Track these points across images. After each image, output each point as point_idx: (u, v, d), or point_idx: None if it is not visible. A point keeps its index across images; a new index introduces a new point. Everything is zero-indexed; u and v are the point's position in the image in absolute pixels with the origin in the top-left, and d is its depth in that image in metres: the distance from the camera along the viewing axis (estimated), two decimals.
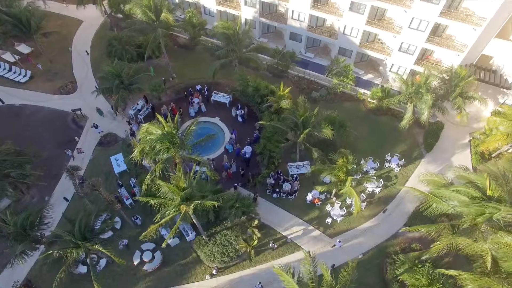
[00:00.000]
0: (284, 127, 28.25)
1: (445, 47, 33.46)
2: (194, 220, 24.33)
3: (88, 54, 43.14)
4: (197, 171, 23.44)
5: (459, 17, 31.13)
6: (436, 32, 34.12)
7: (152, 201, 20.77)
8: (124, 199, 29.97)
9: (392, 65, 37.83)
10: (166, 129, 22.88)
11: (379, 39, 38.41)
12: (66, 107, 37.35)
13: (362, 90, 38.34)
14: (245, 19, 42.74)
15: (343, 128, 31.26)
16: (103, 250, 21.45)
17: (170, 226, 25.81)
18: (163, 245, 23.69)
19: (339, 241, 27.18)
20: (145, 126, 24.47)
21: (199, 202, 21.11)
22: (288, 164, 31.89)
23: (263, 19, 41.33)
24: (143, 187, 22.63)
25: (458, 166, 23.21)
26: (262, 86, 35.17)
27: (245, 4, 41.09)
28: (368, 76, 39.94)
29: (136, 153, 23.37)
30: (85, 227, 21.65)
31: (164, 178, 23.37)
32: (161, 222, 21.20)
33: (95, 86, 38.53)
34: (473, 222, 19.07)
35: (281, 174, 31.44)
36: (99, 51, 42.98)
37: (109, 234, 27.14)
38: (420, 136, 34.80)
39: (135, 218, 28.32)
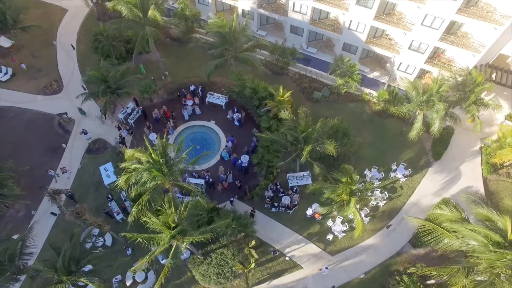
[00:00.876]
0: (284, 140, 26.14)
1: (460, 47, 30.69)
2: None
3: (74, 48, 40.14)
4: (189, 201, 21.60)
5: (479, 15, 28.15)
6: (451, 29, 31.21)
7: (139, 239, 19.15)
8: (115, 214, 28.45)
9: (401, 63, 35.11)
10: (153, 156, 20.79)
11: (387, 35, 35.42)
12: (51, 109, 35.03)
13: (367, 90, 35.87)
14: (242, 10, 39.45)
15: (347, 137, 29.19)
16: (90, 284, 20.14)
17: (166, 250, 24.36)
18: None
19: (326, 268, 25.83)
20: (130, 152, 22.35)
21: (192, 238, 19.46)
22: (287, 174, 30.13)
23: (262, 10, 38.04)
24: (130, 218, 20.93)
25: (471, 194, 21.30)
26: (260, 88, 32.77)
27: None
28: (374, 74, 37.27)
29: (121, 181, 21.46)
30: (69, 260, 20.18)
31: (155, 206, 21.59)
32: (151, 256, 19.70)
33: (83, 87, 35.99)
34: (491, 265, 17.52)
35: (280, 187, 29.74)
36: (86, 45, 39.95)
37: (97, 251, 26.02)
38: (428, 142, 32.77)
39: (126, 248, 26.75)
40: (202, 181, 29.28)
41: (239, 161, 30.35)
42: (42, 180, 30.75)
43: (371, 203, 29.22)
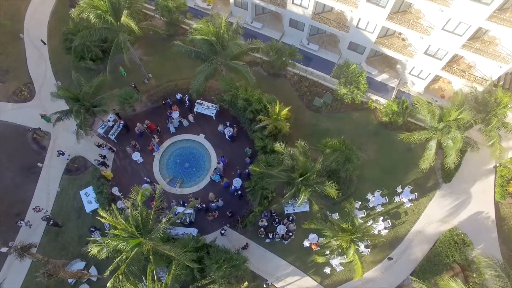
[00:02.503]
0: (279, 178, 23.28)
1: (486, 56, 26.53)
2: None
3: (44, 43, 35.45)
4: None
5: None
6: (475, 34, 26.78)
7: None
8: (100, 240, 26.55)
9: (414, 67, 30.95)
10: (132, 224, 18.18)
11: (400, 34, 30.78)
12: (23, 120, 31.67)
13: (374, 97, 32.18)
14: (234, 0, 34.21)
15: (350, 163, 26.31)
16: None
17: None
18: None
19: None
20: (107, 217, 19.56)
21: None
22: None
23: (257, 1, 32.84)
24: None
25: (486, 257, 18.99)
26: (254, 99, 29.11)
27: None
28: (382, 77, 33.20)
29: (94, 251, 19.00)
30: None
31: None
32: None
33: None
34: None
35: (275, 215, 27.56)
36: (59, 39, 35.19)
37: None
38: (437, 159, 29.87)
39: None
40: (190, 211, 27.02)
41: (232, 187, 27.80)
42: (18, 205, 28.51)
43: (373, 231, 27.27)
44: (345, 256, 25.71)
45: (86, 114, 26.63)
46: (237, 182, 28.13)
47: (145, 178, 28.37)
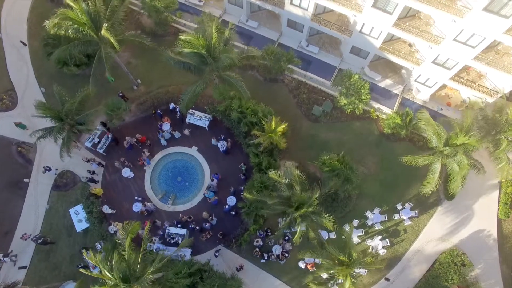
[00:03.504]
0: (274, 208, 22.17)
1: (500, 70, 24.52)
2: None
3: (25, 44, 33.04)
4: None
5: None
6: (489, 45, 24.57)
7: None
8: (91, 268, 26.00)
9: (420, 75, 28.90)
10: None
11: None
12: (7, 131, 30.09)
13: (376, 105, 30.40)
14: None
15: (349, 183, 25.09)
16: None
17: None
18: None
19: None
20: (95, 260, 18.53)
21: None
22: (279, 219, 26.86)
23: None
24: None
25: None
26: (249, 111, 27.40)
27: None
28: (386, 83, 31.17)
29: None
30: None
31: None
32: None
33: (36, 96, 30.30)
34: None
35: (270, 234, 26.79)
36: (41, 39, 32.77)
37: None
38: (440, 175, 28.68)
39: None
40: (183, 231, 26.22)
41: (226, 206, 26.81)
42: (5, 224, 27.69)
43: (370, 250, 26.68)
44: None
45: (69, 132, 25.04)
46: (231, 200, 27.13)
47: (136, 198, 27.29)
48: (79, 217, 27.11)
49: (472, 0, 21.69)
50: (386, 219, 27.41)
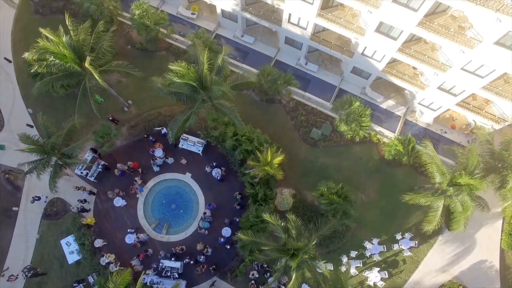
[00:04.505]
0: (270, 255, 21.32)
1: (509, 101, 23.15)
2: None
3: (10, 61, 31.48)
4: None
5: None
6: None
7: None
8: None
9: (424, 98, 27.48)
10: None
11: None
12: None
13: (378, 128, 29.18)
14: (222, 10, 29.52)
15: (347, 218, 24.21)
16: None
17: None
18: None
19: None
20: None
21: None
22: None
23: (247, 15, 28.28)
24: None
25: None
26: (244, 139, 26.19)
27: None
28: (388, 104, 29.77)
29: None
30: None
31: None
32: None
33: (28, 125, 29.15)
34: None
35: (267, 266, 26.17)
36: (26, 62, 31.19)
37: None
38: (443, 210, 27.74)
39: None
40: (178, 264, 25.59)
41: (222, 239, 26.07)
42: None
43: (368, 281, 26.15)
44: None
45: (57, 166, 23.99)
46: (226, 232, 26.36)
47: (128, 230, 26.51)
48: (70, 249, 26.45)
49: (483, 31, 20.10)
50: (385, 249, 26.72)
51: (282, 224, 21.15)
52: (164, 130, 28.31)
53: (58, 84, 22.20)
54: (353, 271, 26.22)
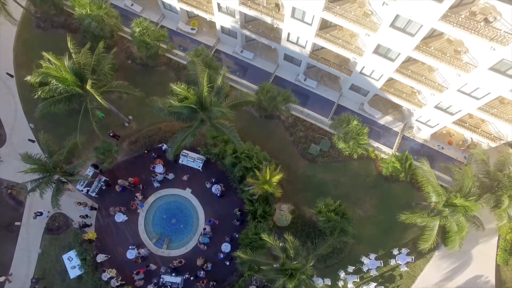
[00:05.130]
0: (267, 275, 21.75)
1: (504, 122, 23.52)
2: None
3: (11, 76, 31.80)
4: None
5: None
6: None
7: None
8: None
9: (421, 116, 27.83)
10: None
11: None
12: None
13: (375, 144, 29.55)
14: (222, 27, 29.84)
15: (345, 234, 24.63)
16: None
17: None
18: None
19: None
20: None
21: None
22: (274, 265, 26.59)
23: (247, 32, 28.61)
24: None
25: None
26: (243, 156, 26.58)
27: (219, 10, 27.76)
28: (386, 120, 30.12)
29: None
30: None
31: None
32: None
33: (30, 140, 29.51)
34: None
35: (265, 282, 26.57)
36: (28, 68, 31.34)
37: None
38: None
39: None
40: (179, 279, 26.02)
41: (221, 254, 26.50)
42: (1, 269, 27.52)
43: None
44: None
45: (59, 184, 24.39)
46: (226, 247, 26.77)
47: (129, 247, 26.87)
48: (72, 264, 26.89)
49: (478, 56, 20.45)
50: (382, 264, 27.15)
51: (280, 244, 21.54)
52: (164, 147, 28.67)
53: (60, 106, 22.50)
54: (350, 286, 26.69)
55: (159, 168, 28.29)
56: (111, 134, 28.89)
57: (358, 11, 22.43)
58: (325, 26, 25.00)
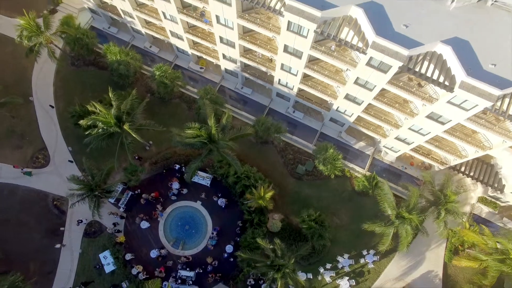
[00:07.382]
0: (261, 269, 28.70)
1: (444, 152, 30.33)
2: None
3: (53, 107, 38.62)
4: None
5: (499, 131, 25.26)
6: None
7: None
8: None
9: (386, 143, 34.64)
10: None
11: None
12: (43, 185, 36.27)
13: (351, 165, 36.36)
14: (225, 69, 36.62)
15: (322, 239, 31.53)
16: None
17: None
18: None
19: None
20: None
21: None
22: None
23: (246, 74, 35.40)
24: None
25: None
26: (243, 176, 33.42)
27: (224, 58, 34.53)
28: (360, 145, 36.94)
29: None
30: None
31: None
32: None
33: (69, 161, 36.33)
34: None
35: (261, 276, 33.47)
36: (65, 101, 38.38)
37: None
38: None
39: None
40: (192, 273, 32.91)
41: (225, 254, 33.40)
42: (49, 264, 34.39)
43: None
44: None
45: (98, 199, 31.23)
46: (229, 248, 33.66)
47: (152, 251, 33.66)
48: (107, 261, 33.76)
49: (419, 107, 27.21)
50: (354, 262, 34.03)
51: (271, 246, 28.47)
52: (177, 166, 35.56)
53: (103, 143, 29.40)
54: (328, 279, 33.55)
55: (176, 185, 35.18)
56: (136, 157, 35.73)
57: (332, 68, 29.21)
58: (307, 76, 31.76)
